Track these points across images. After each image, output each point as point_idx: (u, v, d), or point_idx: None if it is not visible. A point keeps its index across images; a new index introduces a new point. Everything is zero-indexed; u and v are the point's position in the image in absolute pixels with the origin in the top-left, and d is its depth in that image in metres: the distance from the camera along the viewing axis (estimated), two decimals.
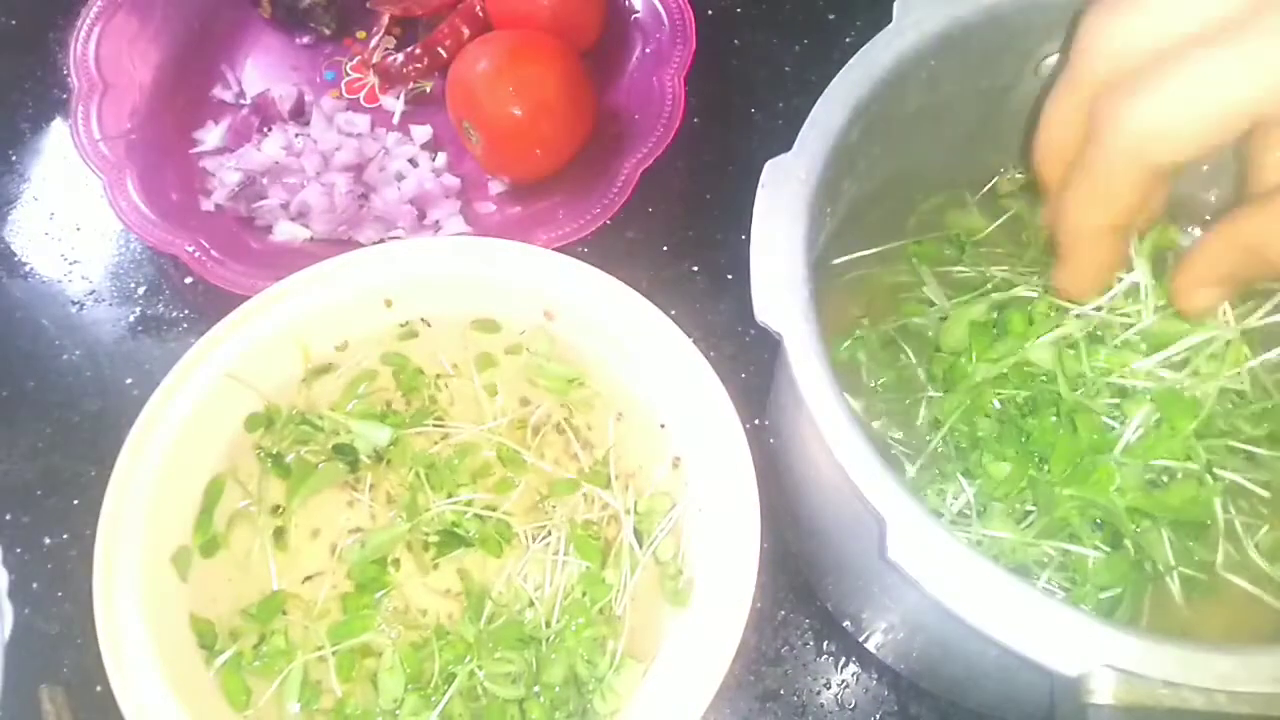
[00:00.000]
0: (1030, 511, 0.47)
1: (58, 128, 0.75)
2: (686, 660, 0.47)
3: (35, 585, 0.59)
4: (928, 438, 0.51)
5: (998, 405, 0.49)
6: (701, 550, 0.50)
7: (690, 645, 0.47)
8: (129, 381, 0.65)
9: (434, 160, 0.71)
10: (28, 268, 0.70)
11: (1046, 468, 0.47)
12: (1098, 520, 0.48)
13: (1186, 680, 0.35)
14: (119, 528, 0.48)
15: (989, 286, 0.53)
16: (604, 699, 0.49)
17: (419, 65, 0.73)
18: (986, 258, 0.57)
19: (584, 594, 0.51)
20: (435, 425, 0.56)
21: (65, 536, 0.60)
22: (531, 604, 0.52)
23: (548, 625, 0.51)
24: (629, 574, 0.52)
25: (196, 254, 0.64)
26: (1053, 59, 0.51)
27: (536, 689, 0.50)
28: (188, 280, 0.68)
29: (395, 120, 0.73)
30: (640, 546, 0.52)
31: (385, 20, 0.76)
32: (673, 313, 0.53)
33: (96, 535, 0.48)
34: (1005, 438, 0.48)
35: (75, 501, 0.61)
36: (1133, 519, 0.46)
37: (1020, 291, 0.51)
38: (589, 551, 0.52)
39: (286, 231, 0.68)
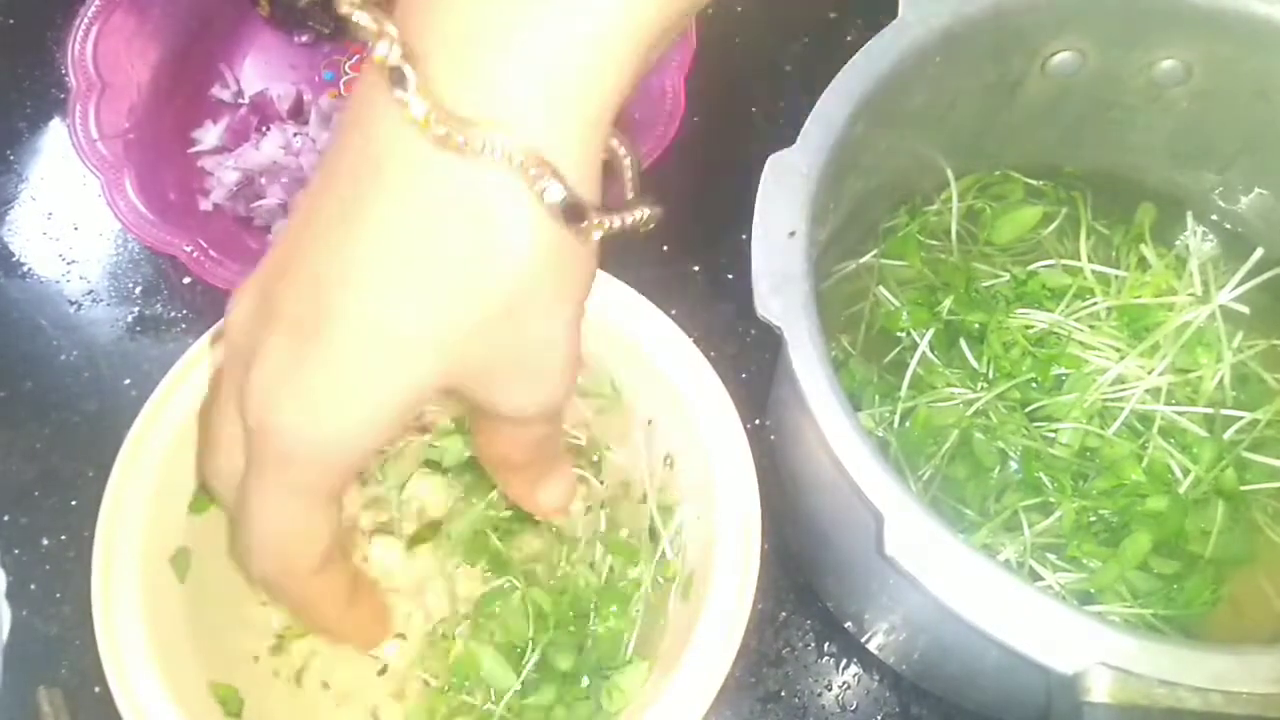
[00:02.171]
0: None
1: (55, 127, 0.75)
2: (687, 661, 0.46)
3: (33, 586, 0.59)
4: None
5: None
6: (701, 550, 0.50)
7: (690, 646, 0.47)
8: (127, 382, 0.65)
9: None
10: (25, 268, 0.70)
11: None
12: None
13: (1182, 679, 0.35)
14: (117, 529, 0.48)
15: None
16: (610, 697, 0.48)
17: None
18: (992, 253, 0.57)
19: (620, 583, 0.52)
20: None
21: (63, 538, 0.60)
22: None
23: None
24: (646, 572, 0.52)
25: (195, 254, 0.64)
26: (1060, 56, 0.51)
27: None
28: (186, 280, 0.67)
29: None
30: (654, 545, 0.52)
31: None
32: (673, 313, 0.53)
33: (95, 536, 0.48)
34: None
35: (73, 502, 0.61)
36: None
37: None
38: (619, 549, 0.53)
39: None
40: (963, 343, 0.53)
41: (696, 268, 0.67)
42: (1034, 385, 0.52)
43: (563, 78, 0.28)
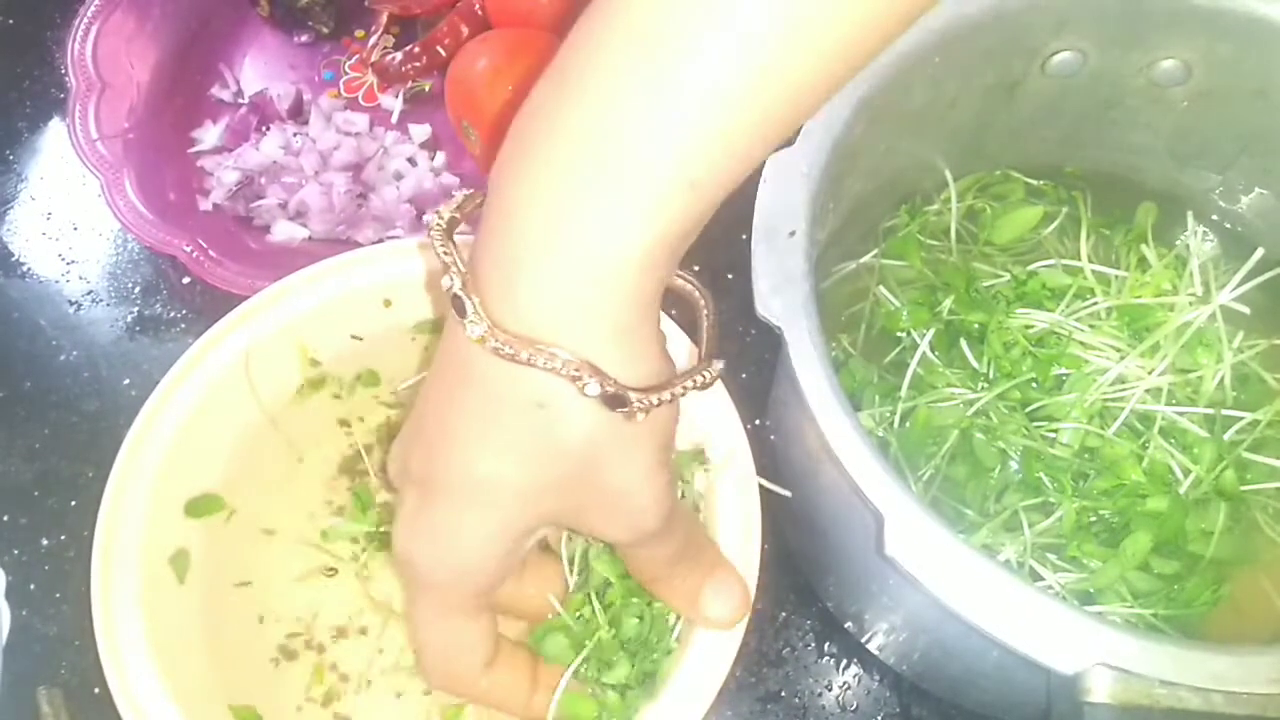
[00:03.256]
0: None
1: (55, 127, 0.75)
2: (687, 660, 0.46)
3: (33, 587, 0.59)
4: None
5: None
6: None
7: (691, 645, 0.47)
8: (126, 382, 0.65)
9: (433, 160, 0.71)
10: (25, 268, 0.70)
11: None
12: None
13: (1183, 680, 0.35)
14: (117, 530, 0.48)
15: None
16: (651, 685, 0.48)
17: (417, 64, 0.73)
18: (992, 253, 0.57)
19: None
20: None
21: (63, 538, 0.60)
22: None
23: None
24: None
25: (194, 254, 0.64)
26: (1060, 56, 0.51)
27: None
28: (185, 280, 0.67)
29: (394, 119, 0.73)
30: None
31: (384, 19, 0.76)
32: (673, 313, 0.53)
33: (94, 537, 0.48)
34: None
35: (73, 503, 0.61)
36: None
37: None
38: None
39: (285, 231, 0.67)
40: (963, 343, 0.53)
41: (696, 268, 0.67)
42: (1034, 385, 0.51)
43: (591, 297, 0.33)
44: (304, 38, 0.77)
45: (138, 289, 0.68)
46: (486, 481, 0.36)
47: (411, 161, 0.70)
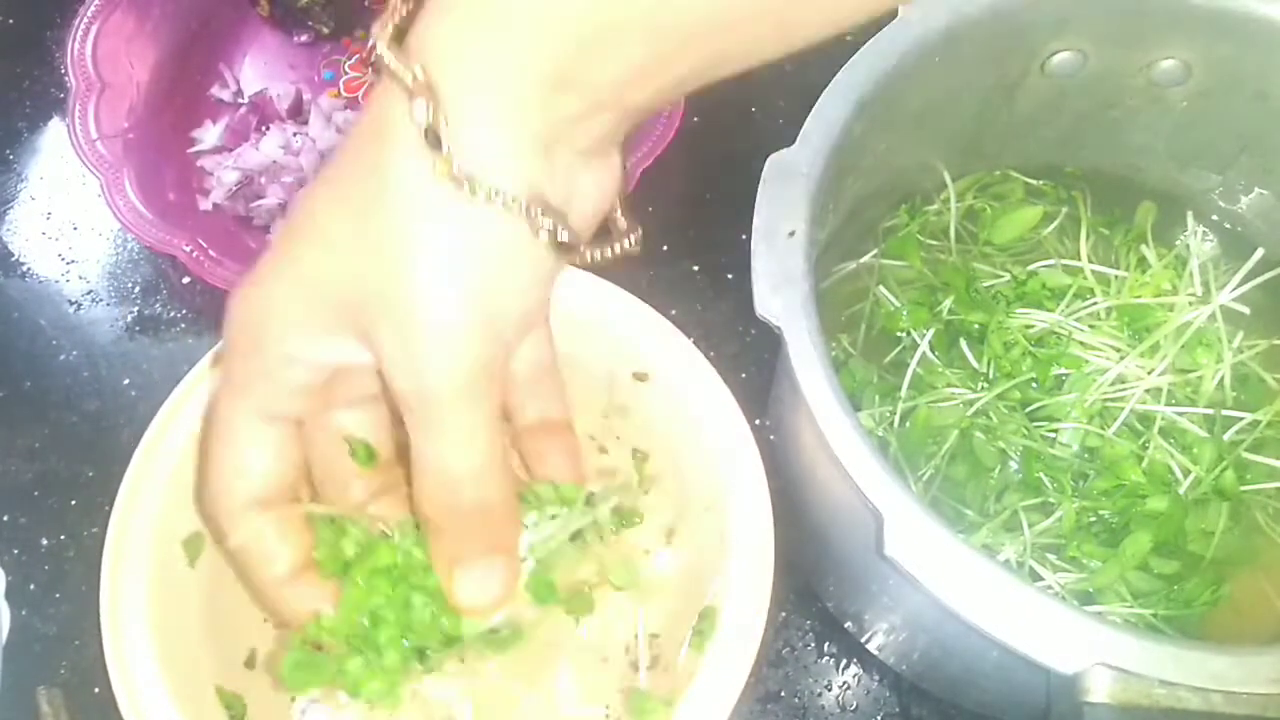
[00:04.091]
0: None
1: (55, 127, 0.75)
2: (704, 670, 0.46)
3: (33, 587, 0.59)
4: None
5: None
6: (713, 556, 0.49)
7: (703, 667, 0.46)
8: (126, 382, 0.65)
9: None
10: (25, 268, 0.70)
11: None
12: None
13: (1182, 680, 0.35)
14: (137, 501, 0.47)
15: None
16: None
17: None
18: (992, 253, 0.57)
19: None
20: None
21: (63, 538, 0.60)
22: None
23: None
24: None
25: (194, 254, 0.64)
26: (1060, 56, 0.51)
27: None
28: (185, 280, 0.67)
29: None
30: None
31: None
32: (673, 313, 0.53)
33: (108, 532, 0.47)
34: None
35: (73, 502, 0.61)
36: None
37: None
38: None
39: None
40: (963, 343, 0.53)
41: (696, 268, 0.67)
42: (1034, 385, 0.51)
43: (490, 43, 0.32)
44: (304, 38, 0.77)
45: (138, 289, 0.68)
46: (310, 219, 0.35)
47: None
